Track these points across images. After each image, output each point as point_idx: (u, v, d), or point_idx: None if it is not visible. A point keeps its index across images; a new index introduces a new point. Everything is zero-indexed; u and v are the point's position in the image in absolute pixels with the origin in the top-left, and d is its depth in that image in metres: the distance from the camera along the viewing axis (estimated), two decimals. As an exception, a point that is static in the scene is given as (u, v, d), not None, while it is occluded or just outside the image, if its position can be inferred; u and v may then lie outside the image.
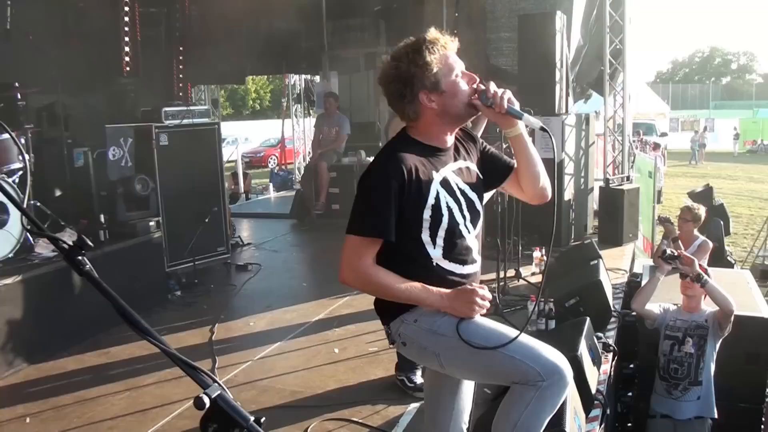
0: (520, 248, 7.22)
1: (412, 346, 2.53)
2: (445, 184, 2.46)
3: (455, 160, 2.55)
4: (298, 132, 16.55)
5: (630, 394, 6.02)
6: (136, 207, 6.81)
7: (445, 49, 2.42)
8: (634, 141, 12.06)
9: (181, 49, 10.32)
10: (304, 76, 14.17)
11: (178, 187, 7.19)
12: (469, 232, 2.54)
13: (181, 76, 10.28)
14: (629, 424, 5.98)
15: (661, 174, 17.92)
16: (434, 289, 2.43)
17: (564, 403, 3.36)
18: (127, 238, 6.53)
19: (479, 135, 2.84)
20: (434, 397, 2.79)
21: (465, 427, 2.79)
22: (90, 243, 1.51)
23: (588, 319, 4.65)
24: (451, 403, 2.74)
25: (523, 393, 2.37)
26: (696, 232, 6.76)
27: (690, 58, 79.53)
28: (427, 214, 2.41)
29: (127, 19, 9.48)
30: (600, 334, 5.17)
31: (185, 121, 7.39)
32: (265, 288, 7.29)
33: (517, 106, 2.43)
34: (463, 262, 2.53)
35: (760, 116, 41.33)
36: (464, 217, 2.51)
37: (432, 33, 2.42)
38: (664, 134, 29.85)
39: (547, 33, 7.98)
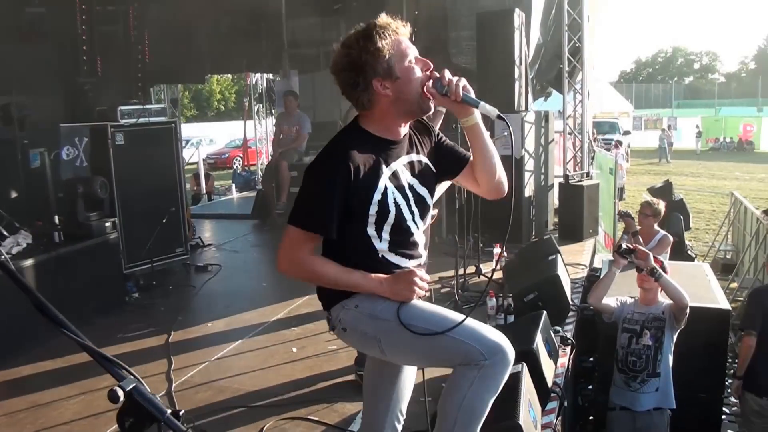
0: (481, 245, 7.23)
1: (352, 332, 2.48)
2: (393, 179, 2.41)
3: (407, 153, 2.50)
4: (261, 132, 16.41)
5: (590, 387, 6.04)
6: (92, 208, 6.67)
7: (397, 35, 2.35)
8: (595, 139, 12.15)
9: (140, 48, 10.18)
10: (266, 76, 14.08)
11: (135, 187, 7.07)
12: (417, 228, 2.50)
13: (140, 75, 10.13)
14: (591, 417, 6.00)
15: (623, 171, 18.12)
16: (372, 275, 2.39)
17: (517, 394, 3.36)
18: (83, 239, 6.40)
19: (437, 126, 2.79)
20: (373, 387, 2.75)
21: (402, 417, 2.76)
22: (5, 233, 1.45)
23: (545, 312, 4.67)
24: (389, 392, 2.70)
25: (466, 373, 2.33)
26: (656, 226, 6.81)
27: (653, 58, 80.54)
28: (373, 209, 2.36)
29: (84, 17, 9.35)
30: (558, 328, 5.19)
31: (141, 120, 7.28)
32: (224, 289, 7.22)
33: (472, 94, 2.38)
34: (410, 257, 2.49)
35: (722, 114, 41.99)
36: (412, 213, 2.46)
37: (383, 18, 2.36)
38: (627, 132, 30.13)
39: (506, 30, 8.01)
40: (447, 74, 2.36)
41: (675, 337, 4.97)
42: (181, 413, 1.30)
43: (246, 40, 10.18)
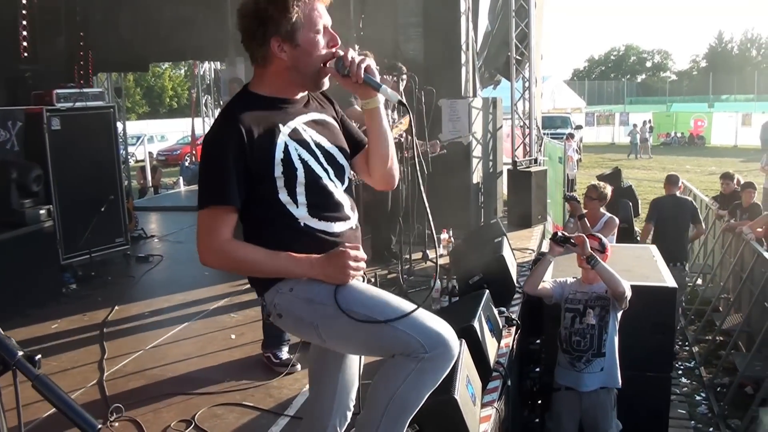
0: (428, 231, 7.16)
1: (288, 317, 2.31)
2: (294, 136, 2.25)
3: (306, 112, 2.35)
4: (210, 124, 16.05)
5: (537, 370, 5.99)
6: (26, 195, 6.41)
7: (313, 1, 2.21)
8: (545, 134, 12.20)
9: (81, 35, 9.91)
10: (214, 67, 13.85)
11: (72, 174, 6.88)
12: (336, 186, 2.33)
13: (81, 63, 9.86)
14: (539, 402, 5.95)
15: (574, 163, 18.27)
16: (302, 256, 2.22)
17: (455, 368, 3.26)
18: (16, 227, 6.14)
19: None
20: (317, 375, 2.59)
21: (351, 404, 2.61)
22: None
23: (487, 291, 4.61)
24: (335, 379, 2.54)
25: (404, 364, 2.17)
26: (602, 209, 6.81)
27: (606, 56, 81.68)
28: (278, 170, 2.20)
29: (24, 2, 9.07)
30: (503, 309, 5.13)
31: (78, 105, 7.04)
32: (164, 278, 7.06)
33: (376, 77, 2.24)
34: (335, 219, 2.32)
35: (674, 110, 42.72)
36: (326, 170, 2.30)
37: None
38: (579, 127, 30.48)
39: (452, 15, 7.98)
40: (351, 54, 2.22)
41: (619, 316, 4.93)
42: (36, 358, 1.15)
43: (190, 27, 9.94)
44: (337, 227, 2.32)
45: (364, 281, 2.39)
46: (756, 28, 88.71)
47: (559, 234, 5.06)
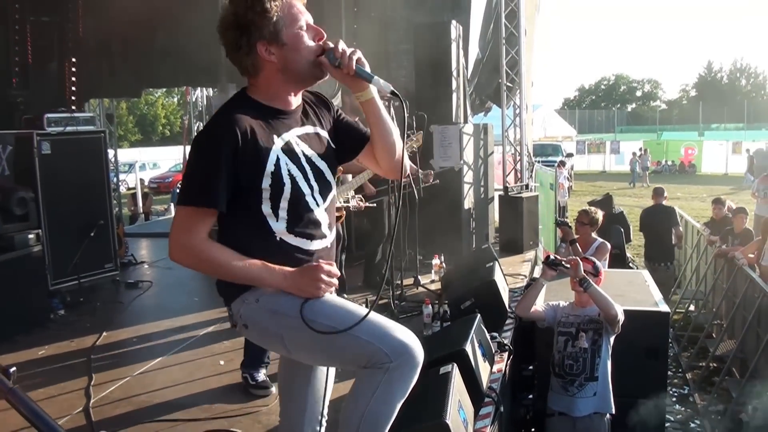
0: (420, 257, 7.14)
1: (253, 328, 2.29)
2: (287, 150, 2.23)
3: (302, 124, 2.33)
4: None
5: (530, 396, 5.93)
6: (16, 219, 6.35)
7: None
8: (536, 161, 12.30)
9: (74, 60, 9.93)
10: (206, 93, 13.85)
11: (62, 199, 6.84)
12: (318, 205, 2.31)
13: (73, 88, 9.87)
14: (533, 429, 5.88)
15: (566, 190, 18.30)
16: (276, 267, 2.19)
17: (446, 393, 3.23)
18: (3, 251, 6.08)
19: None
20: (287, 387, 2.56)
21: (323, 419, 2.56)
22: None
23: (479, 315, 4.57)
24: (304, 393, 2.51)
25: (371, 377, 2.15)
26: (594, 234, 6.80)
27: (596, 85, 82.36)
28: (266, 182, 2.17)
29: (17, 27, 9.11)
30: (495, 334, 5.08)
31: (69, 129, 7.02)
32: (153, 304, 7.00)
33: (367, 68, 2.24)
34: (311, 237, 2.30)
35: (665, 138, 42.99)
36: (311, 188, 2.28)
37: None
38: (570, 155, 30.61)
39: (443, 42, 8.01)
40: (341, 45, 2.21)
41: (612, 340, 4.89)
42: (11, 370, 1.12)
43: (181, 53, 9.98)
44: (314, 245, 2.32)
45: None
46: (745, 57, 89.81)
47: (551, 257, 5.04)
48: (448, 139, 7.98)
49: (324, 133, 2.41)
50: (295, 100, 2.33)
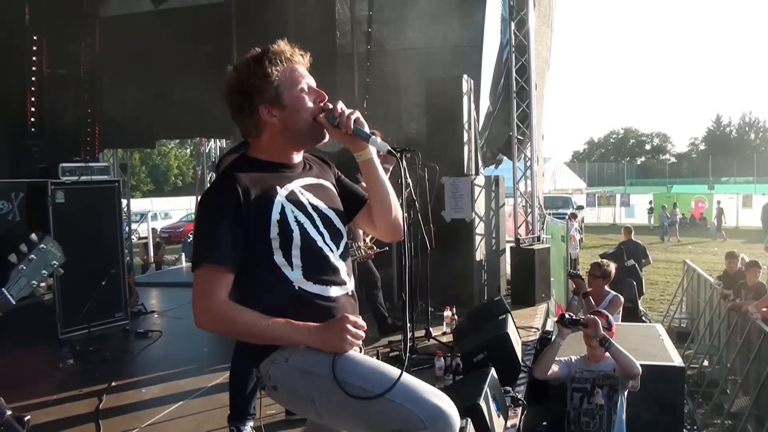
0: (431, 309, 7.09)
1: (283, 390, 2.24)
2: (292, 199, 2.26)
3: (305, 176, 2.37)
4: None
5: (544, 454, 5.83)
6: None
7: (290, 62, 2.28)
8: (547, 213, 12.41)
9: (89, 111, 10.09)
10: (220, 145, 14.04)
11: (74, 247, 6.73)
12: (331, 251, 2.31)
13: (88, 138, 10.00)
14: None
15: (577, 243, 18.22)
16: (300, 323, 2.17)
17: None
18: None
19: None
20: None
21: None
22: None
23: (492, 368, 4.51)
24: None
25: None
26: (606, 287, 6.75)
27: (605, 138, 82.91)
28: (273, 231, 2.19)
29: (33, 79, 9.29)
30: (509, 388, 5.02)
31: (83, 178, 7.09)
32: (163, 354, 6.92)
33: (366, 128, 2.29)
34: (330, 283, 2.28)
35: (674, 191, 42.99)
36: (321, 234, 2.29)
37: (279, 44, 2.29)
38: (580, 207, 30.60)
39: (454, 95, 8.09)
40: (340, 105, 2.28)
41: (626, 395, 4.82)
42: (26, 419, 1.11)
43: (197, 106, 10.17)
44: (333, 291, 2.29)
45: (361, 352, 2.33)
46: (754, 111, 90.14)
47: (567, 316, 4.98)
48: (459, 190, 8.01)
49: (328, 184, 2.44)
50: (297, 157, 2.38)
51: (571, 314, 5.14)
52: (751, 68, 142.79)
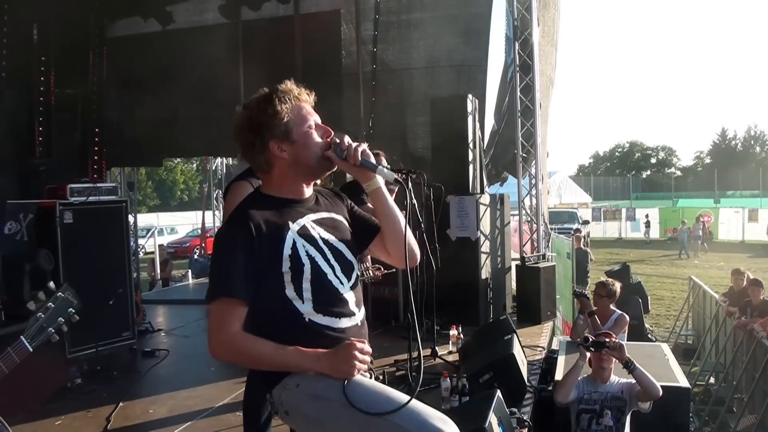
0: (437, 327, 7.12)
1: (295, 415, 2.32)
2: (303, 234, 2.34)
3: (315, 211, 2.44)
4: (220, 220, 16.22)
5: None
6: (35, 287, 6.44)
7: (298, 101, 2.37)
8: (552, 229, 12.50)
9: (97, 130, 10.18)
10: (226, 162, 14.13)
11: (82, 267, 6.88)
12: (341, 283, 2.38)
13: (96, 158, 10.09)
14: None
15: (589, 253, 18.21)
16: (309, 350, 2.25)
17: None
18: (22, 320, 6.11)
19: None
20: None
21: None
22: None
23: (498, 391, 4.53)
24: None
25: None
26: (612, 306, 6.76)
27: (611, 152, 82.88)
28: (285, 266, 2.27)
29: (42, 99, 9.38)
30: (515, 410, 5.03)
31: (92, 199, 7.14)
32: (170, 374, 6.96)
33: (372, 159, 2.39)
34: (339, 315, 2.36)
35: (680, 205, 42.90)
36: (332, 267, 2.36)
37: (286, 84, 2.39)
38: (586, 222, 30.57)
39: (460, 114, 8.15)
40: (346, 139, 2.38)
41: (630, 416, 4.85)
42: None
43: (203, 124, 10.27)
44: (343, 323, 2.37)
45: (371, 377, 2.41)
46: (759, 125, 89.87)
47: (591, 339, 5.00)
48: (464, 209, 8.05)
49: (339, 217, 2.51)
50: (308, 191, 2.46)
51: (592, 336, 5.13)
52: (756, 81, 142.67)
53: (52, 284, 2.57)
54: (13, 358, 2.28)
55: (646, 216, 35.04)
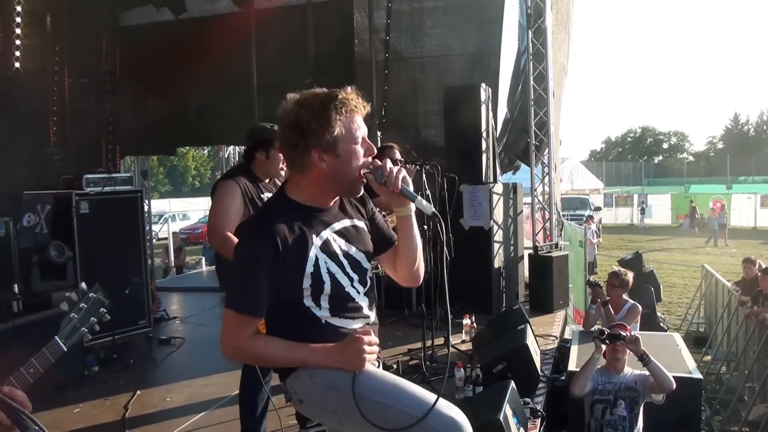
0: (450, 316, 7.12)
1: (308, 403, 2.41)
2: (326, 250, 2.35)
3: (339, 219, 2.45)
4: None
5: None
6: (53, 277, 6.52)
7: (353, 113, 2.30)
8: (564, 216, 12.43)
9: (111, 119, 10.23)
10: (239, 150, 14.18)
11: (98, 257, 6.94)
12: (358, 293, 2.44)
13: (110, 146, 10.15)
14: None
15: (594, 246, 18.21)
16: (319, 346, 2.31)
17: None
18: (42, 309, 6.20)
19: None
20: None
21: None
22: None
23: (512, 382, 4.57)
24: None
25: None
26: (625, 296, 6.77)
27: (623, 137, 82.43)
28: (306, 282, 2.30)
29: (56, 88, 9.42)
30: (528, 399, 5.07)
31: (107, 189, 7.20)
32: (186, 362, 7.04)
33: (411, 187, 2.37)
34: (353, 318, 2.43)
35: (692, 191, 42.67)
36: (351, 279, 2.41)
37: (346, 92, 2.31)
38: (597, 208, 30.50)
39: (473, 104, 8.13)
40: (388, 164, 2.34)
41: (643, 406, 4.88)
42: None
43: (217, 112, 10.29)
44: (356, 324, 2.44)
45: (379, 366, 2.49)
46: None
47: (607, 332, 5.02)
48: (477, 198, 8.06)
49: (361, 224, 2.52)
50: (335, 198, 2.46)
51: (607, 329, 5.15)
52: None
53: (84, 285, 2.62)
54: (48, 358, 2.34)
55: (642, 203, 34.91)
